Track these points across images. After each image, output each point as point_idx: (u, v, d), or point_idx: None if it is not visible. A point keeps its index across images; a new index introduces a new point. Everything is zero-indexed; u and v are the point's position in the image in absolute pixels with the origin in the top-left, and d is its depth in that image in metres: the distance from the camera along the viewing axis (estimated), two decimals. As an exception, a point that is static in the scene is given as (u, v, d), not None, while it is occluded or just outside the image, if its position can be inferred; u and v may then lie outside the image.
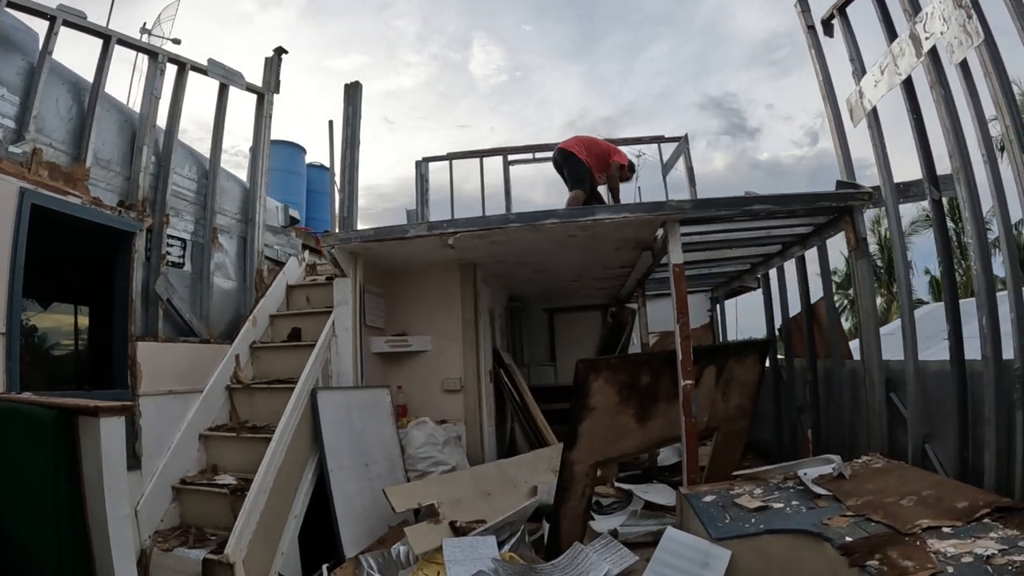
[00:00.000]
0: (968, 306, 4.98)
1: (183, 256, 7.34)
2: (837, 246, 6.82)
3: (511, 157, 10.79)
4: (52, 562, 3.09)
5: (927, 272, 25.90)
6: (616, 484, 6.69)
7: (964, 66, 4.35)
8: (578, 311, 12.08)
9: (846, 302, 25.12)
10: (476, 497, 5.70)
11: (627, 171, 8.48)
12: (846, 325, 19.62)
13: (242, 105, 8.70)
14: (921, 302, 21.20)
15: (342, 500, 5.50)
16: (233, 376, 6.75)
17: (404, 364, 7.43)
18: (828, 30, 6.31)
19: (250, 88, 8.42)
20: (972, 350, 4.78)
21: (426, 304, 7.62)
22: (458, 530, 5.04)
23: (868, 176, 6.14)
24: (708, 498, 4.48)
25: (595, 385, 4.85)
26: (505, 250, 7.00)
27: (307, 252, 9.69)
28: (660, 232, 6.16)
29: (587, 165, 8.09)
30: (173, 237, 7.17)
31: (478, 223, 6.26)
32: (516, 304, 11.18)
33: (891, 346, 5.90)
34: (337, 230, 7.51)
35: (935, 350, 5.79)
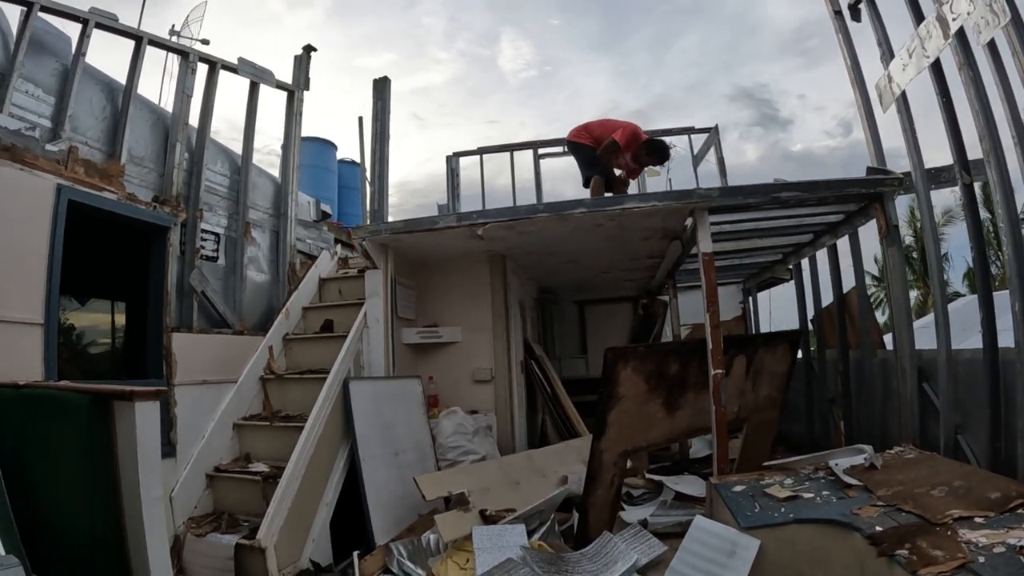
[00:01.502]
0: (1003, 300, 4.90)
1: (217, 250, 7.46)
2: (874, 236, 6.76)
3: (541, 151, 10.79)
4: (86, 542, 3.17)
5: (965, 260, 25.48)
6: (647, 475, 6.68)
7: (992, 46, 4.27)
8: (609, 303, 12.02)
9: (881, 296, 24.73)
10: (505, 486, 5.74)
11: (632, 152, 7.88)
12: (881, 319, 19.39)
13: (273, 105, 8.83)
14: (957, 295, 20.87)
15: (373, 488, 5.56)
16: (266, 367, 6.87)
17: (435, 355, 7.50)
18: (855, 15, 6.24)
19: (280, 86, 8.54)
20: (1007, 342, 4.72)
21: (456, 296, 7.69)
22: (488, 518, 5.10)
23: (901, 167, 6.08)
24: (738, 488, 4.46)
25: (623, 373, 4.84)
26: (534, 240, 7.02)
27: (339, 246, 9.79)
28: (689, 221, 6.15)
29: (592, 147, 7.94)
30: (207, 231, 7.29)
31: (506, 213, 6.29)
32: (547, 296, 11.16)
33: (926, 340, 5.83)
34: (368, 223, 7.57)
35: (970, 343, 5.72)
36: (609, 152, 7.84)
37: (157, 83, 9.24)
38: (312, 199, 9.86)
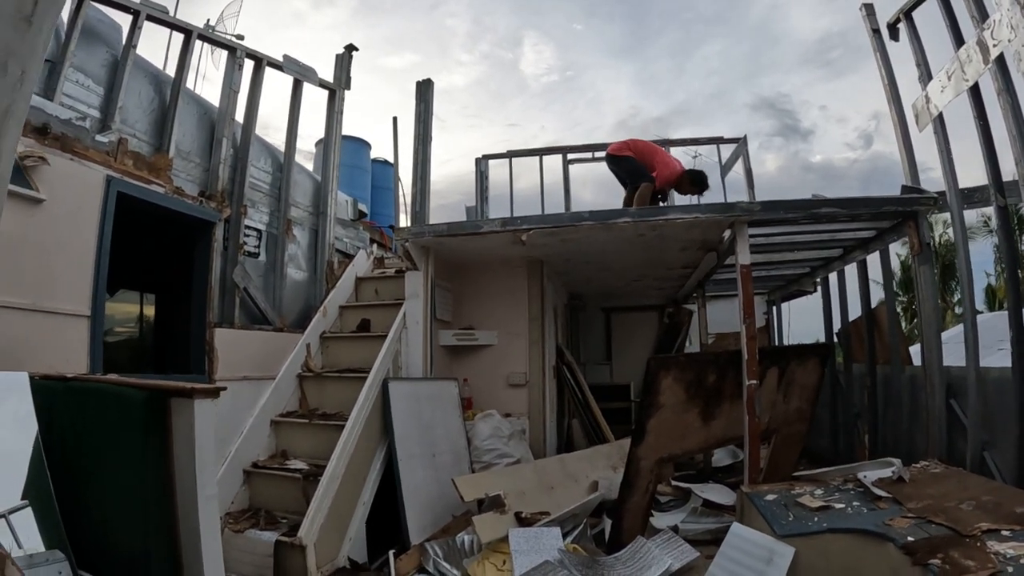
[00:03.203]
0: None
1: (259, 246, 7.57)
2: (893, 249, 6.83)
3: (570, 156, 10.87)
4: (137, 540, 3.17)
5: (987, 274, 25.28)
6: (673, 483, 6.75)
7: (1032, 74, 4.34)
8: (635, 311, 12.10)
9: (899, 309, 24.62)
10: (539, 490, 5.79)
11: (670, 186, 8.20)
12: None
13: (305, 102, 8.91)
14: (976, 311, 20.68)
15: (410, 488, 5.61)
16: (304, 364, 6.91)
17: (470, 357, 7.55)
18: (893, 34, 6.28)
19: (323, 84, 8.62)
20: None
21: (493, 299, 7.74)
22: (523, 521, 5.15)
23: (926, 179, 6.16)
24: (770, 497, 4.51)
25: (664, 382, 4.91)
26: (573, 248, 7.07)
27: (375, 246, 9.88)
28: (727, 233, 6.22)
29: (635, 158, 8.07)
30: (249, 228, 7.39)
31: (551, 220, 6.34)
32: (575, 302, 11.26)
33: (946, 354, 5.89)
34: (403, 224, 7.64)
35: (991, 360, 5.75)
36: (644, 197, 7.96)
37: (191, 77, 9.31)
38: (349, 198, 9.98)
